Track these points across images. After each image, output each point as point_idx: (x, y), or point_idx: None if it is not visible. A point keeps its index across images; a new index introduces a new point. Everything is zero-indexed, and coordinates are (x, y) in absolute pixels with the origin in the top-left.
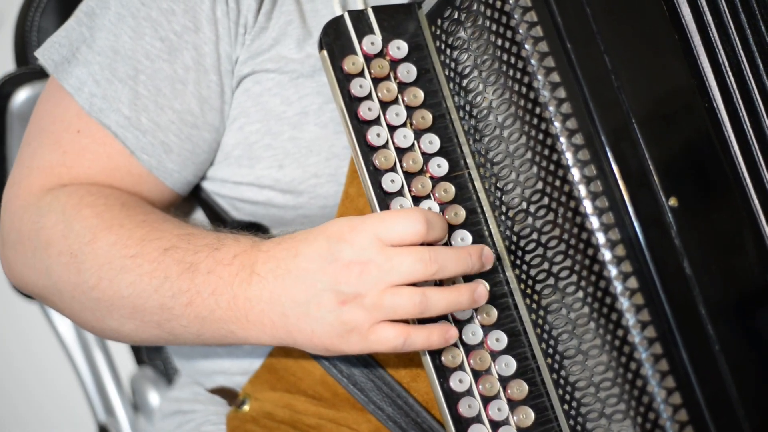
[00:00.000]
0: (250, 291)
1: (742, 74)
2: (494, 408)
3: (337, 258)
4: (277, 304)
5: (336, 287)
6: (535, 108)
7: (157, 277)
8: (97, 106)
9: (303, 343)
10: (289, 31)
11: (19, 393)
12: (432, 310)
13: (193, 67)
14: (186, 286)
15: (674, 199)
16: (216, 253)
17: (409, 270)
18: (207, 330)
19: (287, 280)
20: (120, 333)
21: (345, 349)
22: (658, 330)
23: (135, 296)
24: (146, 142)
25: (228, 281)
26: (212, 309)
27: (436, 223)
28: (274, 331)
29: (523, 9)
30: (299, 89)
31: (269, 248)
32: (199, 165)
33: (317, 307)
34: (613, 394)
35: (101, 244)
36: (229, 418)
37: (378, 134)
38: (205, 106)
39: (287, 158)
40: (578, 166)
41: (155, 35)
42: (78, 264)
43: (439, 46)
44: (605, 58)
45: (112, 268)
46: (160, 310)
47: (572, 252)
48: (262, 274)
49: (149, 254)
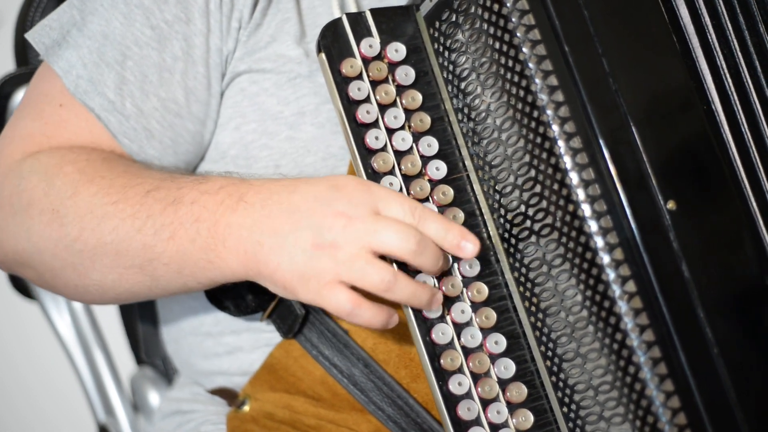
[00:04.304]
0: (233, 217)
1: (740, 76)
2: (493, 411)
3: (329, 204)
4: (256, 231)
5: (317, 230)
6: (533, 111)
7: (140, 218)
8: (82, 88)
9: (265, 276)
10: (287, 28)
11: (19, 393)
12: (395, 294)
13: (182, 58)
14: (169, 220)
15: (672, 203)
16: (201, 185)
17: (391, 239)
18: (187, 264)
19: (275, 210)
20: (102, 286)
21: (299, 293)
22: (657, 333)
23: (118, 241)
24: (129, 127)
25: (212, 209)
26: (193, 239)
27: (431, 223)
28: (246, 259)
29: (521, 12)
30: (296, 89)
31: (263, 182)
32: (180, 155)
33: (293, 243)
34: (612, 397)
35: (83, 196)
36: (229, 418)
37: (376, 137)
38: (191, 97)
39: (284, 158)
40: (576, 169)
41: (146, 23)
42: (60, 218)
43: (437, 49)
44: (603, 60)
45: (95, 216)
46: (142, 250)
47: (571, 255)
48: (250, 202)
49: (131, 199)
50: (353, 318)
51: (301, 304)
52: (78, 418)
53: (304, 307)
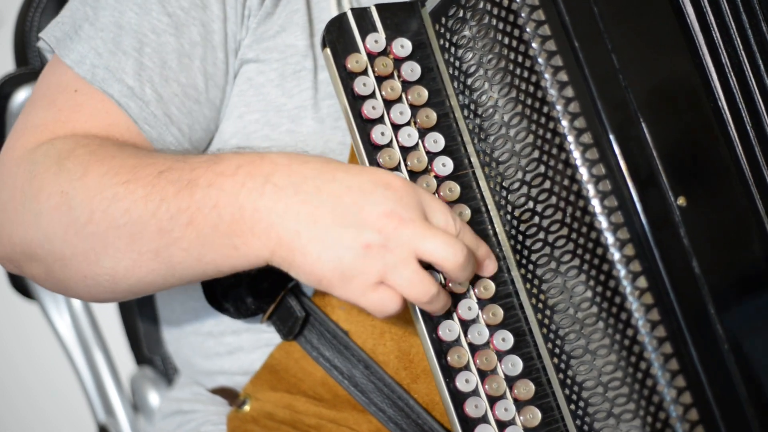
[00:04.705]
0: (261, 201)
1: (744, 74)
2: (501, 408)
3: (379, 202)
4: (291, 219)
5: (366, 229)
6: (543, 107)
7: (153, 200)
8: (99, 76)
9: (300, 267)
10: (296, 19)
11: (19, 393)
12: (432, 307)
13: (201, 43)
14: (185, 204)
15: (683, 198)
16: (215, 167)
17: (440, 249)
18: (209, 250)
19: (313, 198)
20: (115, 275)
21: (336, 289)
22: (668, 329)
23: (131, 224)
24: (149, 113)
25: (231, 192)
26: (215, 224)
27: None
28: (278, 246)
29: (531, 8)
30: (300, 82)
31: (290, 162)
32: (194, 143)
33: (337, 238)
34: (622, 393)
35: (92, 176)
36: (229, 418)
37: (382, 133)
38: (210, 83)
39: (284, 150)
40: (587, 165)
41: (162, 11)
42: (69, 201)
43: (443, 45)
44: (612, 56)
45: (105, 197)
46: (158, 235)
47: (581, 251)
48: (280, 185)
49: (143, 179)
50: (388, 315)
51: (301, 305)
52: (78, 418)
53: (304, 308)
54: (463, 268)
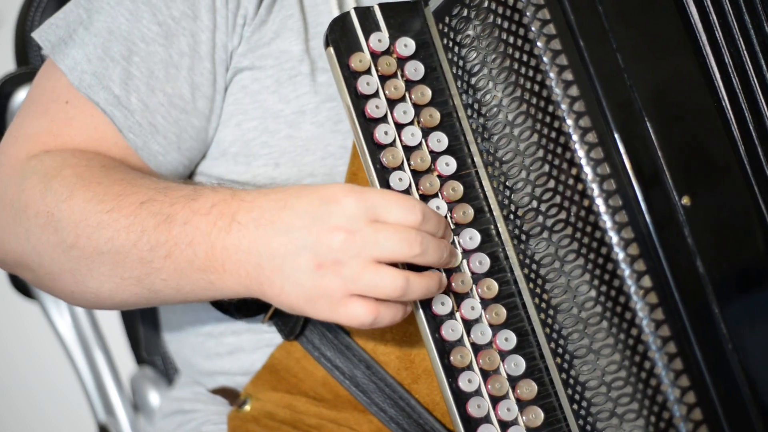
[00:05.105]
0: (228, 240)
1: (746, 74)
2: (503, 408)
3: (324, 219)
4: (254, 254)
5: (316, 249)
6: (548, 106)
7: (134, 231)
8: (86, 82)
9: (271, 298)
10: (290, 24)
11: (19, 393)
12: (410, 295)
13: (188, 54)
14: (164, 239)
15: (687, 198)
16: (193, 204)
17: (393, 248)
18: (186, 283)
19: (269, 230)
20: (99, 295)
21: (310, 313)
22: (673, 329)
23: (114, 252)
24: (134, 122)
25: (205, 231)
26: (191, 260)
27: (431, 218)
28: (248, 281)
29: (536, 7)
30: (296, 87)
31: (254, 198)
32: (184, 152)
33: (293, 265)
34: (625, 393)
35: (77, 200)
36: (230, 418)
37: (385, 132)
38: (197, 93)
39: (283, 156)
40: (591, 164)
41: (153, 19)
42: (55, 223)
43: (447, 44)
44: (617, 56)
45: (89, 224)
46: (139, 264)
47: (585, 250)
48: (243, 222)
49: (125, 208)
50: (377, 325)
51: None
52: (78, 418)
53: None
54: (423, 255)
